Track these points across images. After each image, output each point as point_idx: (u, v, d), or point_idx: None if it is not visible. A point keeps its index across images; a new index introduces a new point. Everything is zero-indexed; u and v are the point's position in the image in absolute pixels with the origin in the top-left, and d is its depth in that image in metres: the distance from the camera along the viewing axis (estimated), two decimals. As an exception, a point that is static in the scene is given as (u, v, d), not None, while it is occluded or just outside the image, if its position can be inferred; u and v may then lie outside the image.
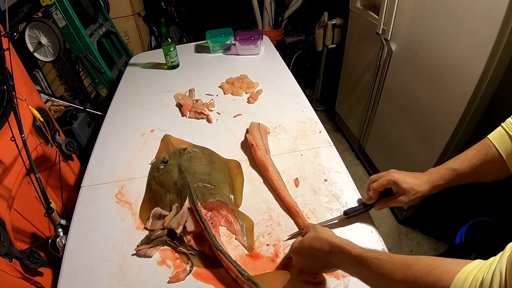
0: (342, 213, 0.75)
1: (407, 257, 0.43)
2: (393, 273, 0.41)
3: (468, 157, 0.65)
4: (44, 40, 1.50)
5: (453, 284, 0.34)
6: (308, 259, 0.61)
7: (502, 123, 0.63)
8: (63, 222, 0.85)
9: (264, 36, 1.60)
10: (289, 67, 1.43)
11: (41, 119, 0.99)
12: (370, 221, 0.75)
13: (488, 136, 0.64)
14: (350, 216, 0.74)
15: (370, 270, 0.46)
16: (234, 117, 1.14)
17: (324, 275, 0.65)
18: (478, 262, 0.35)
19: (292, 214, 0.78)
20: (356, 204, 0.78)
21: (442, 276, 0.36)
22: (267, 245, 0.72)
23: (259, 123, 1.02)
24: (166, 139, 1.03)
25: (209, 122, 1.12)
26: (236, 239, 0.74)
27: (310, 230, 0.62)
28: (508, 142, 0.60)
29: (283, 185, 0.83)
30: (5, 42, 0.74)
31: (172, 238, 0.75)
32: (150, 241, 0.73)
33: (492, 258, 0.34)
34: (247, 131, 1.01)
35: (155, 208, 0.79)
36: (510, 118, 0.62)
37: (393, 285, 0.42)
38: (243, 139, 1.03)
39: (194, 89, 1.29)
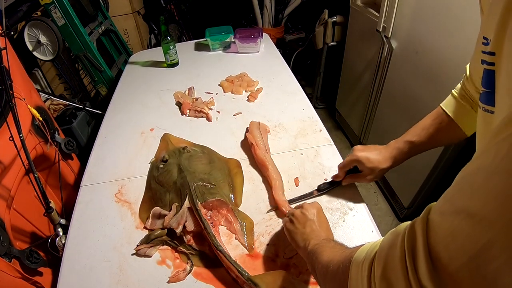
0: (316, 188, 0.82)
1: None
2: (332, 260, 0.44)
3: (425, 128, 0.68)
4: (43, 39, 1.49)
5: (361, 249, 0.36)
6: (294, 228, 0.62)
7: (452, 90, 0.66)
8: (62, 221, 0.85)
9: (264, 34, 1.60)
10: (289, 65, 1.43)
11: (40, 118, 0.99)
12: (370, 219, 0.75)
13: (440, 104, 0.68)
14: (322, 193, 0.81)
15: (318, 256, 0.49)
16: (234, 115, 1.13)
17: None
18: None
19: (280, 212, 0.79)
20: (325, 181, 0.84)
21: (354, 250, 0.38)
22: (267, 245, 0.72)
23: (259, 122, 1.02)
24: (165, 138, 1.03)
25: (208, 121, 1.12)
26: (236, 238, 0.74)
27: (314, 211, 0.62)
28: (458, 107, 0.64)
29: (279, 184, 0.82)
30: (3, 41, 0.74)
31: (172, 238, 0.74)
32: (149, 240, 0.73)
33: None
34: (247, 130, 1.00)
35: (155, 208, 0.79)
36: (458, 84, 0.65)
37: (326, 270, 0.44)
38: (243, 137, 1.02)
39: (193, 88, 1.29)
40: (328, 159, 0.92)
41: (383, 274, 0.29)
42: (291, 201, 0.80)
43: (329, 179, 0.85)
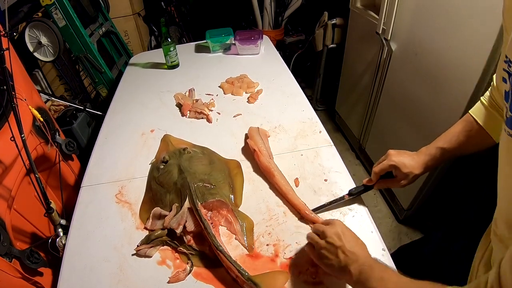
0: (347, 192, 0.79)
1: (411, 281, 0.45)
2: None
3: (455, 134, 0.68)
4: (44, 40, 1.50)
5: None
6: (328, 261, 0.58)
7: (481, 97, 0.66)
8: (63, 222, 0.85)
9: (264, 36, 1.60)
10: (289, 67, 1.43)
11: (41, 119, 0.99)
12: (370, 221, 0.75)
13: (469, 111, 0.68)
14: (354, 196, 0.79)
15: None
16: (234, 117, 1.14)
17: (324, 275, 0.65)
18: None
19: (303, 216, 0.77)
20: (356, 185, 0.83)
21: None
22: (267, 245, 0.72)
23: (258, 128, 1.01)
24: (166, 139, 1.03)
25: (209, 122, 1.12)
26: (236, 239, 0.74)
27: (339, 232, 0.58)
28: (488, 115, 0.64)
29: (290, 189, 0.81)
30: (5, 42, 0.74)
31: (172, 238, 0.75)
32: (150, 241, 0.73)
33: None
34: (247, 136, 1.00)
35: (155, 208, 0.79)
36: (487, 91, 0.65)
37: None
38: (243, 138, 1.03)
39: (194, 89, 1.29)
40: (328, 160, 0.92)
41: None
42: (320, 208, 0.78)
43: (329, 179, 0.85)
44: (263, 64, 1.48)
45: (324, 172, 0.88)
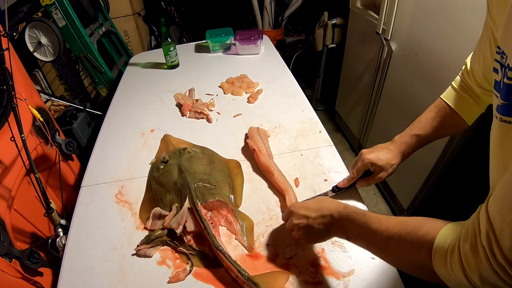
0: (331, 189, 0.82)
1: (401, 217, 0.48)
2: (390, 229, 0.47)
3: (429, 121, 0.70)
4: (44, 40, 1.50)
5: (438, 236, 0.39)
6: (311, 236, 0.62)
7: (452, 82, 0.69)
8: (63, 222, 0.85)
9: (264, 35, 1.60)
10: (289, 67, 1.43)
11: (41, 119, 0.99)
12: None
13: (441, 96, 0.70)
14: (337, 193, 0.80)
15: (370, 229, 0.50)
16: (234, 116, 1.14)
17: (324, 275, 0.65)
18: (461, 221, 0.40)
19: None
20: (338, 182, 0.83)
21: (430, 230, 0.41)
22: (267, 245, 0.72)
23: (258, 127, 1.01)
24: (166, 139, 1.03)
25: (209, 122, 1.12)
26: (236, 239, 0.74)
27: (310, 201, 0.64)
28: (460, 99, 0.66)
29: (289, 187, 0.81)
30: (5, 42, 0.74)
31: (172, 238, 0.75)
32: (150, 241, 0.73)
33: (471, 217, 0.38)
34: (246, 136, 1.00)
35: (155, 208, 0.79)
36: (457, 76, 0.67)
37: (388, 240, 0.46)
38: (243, 138, 1.03)
39: (194, 89, 1.29)
40: (328, 160, 0.92)
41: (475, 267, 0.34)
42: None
43: (329, 179, 0.85)
44: (263, 64, 1.48)
45: (324, 172, 0.88)
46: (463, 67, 0.65)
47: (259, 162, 0.90)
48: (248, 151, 0.97)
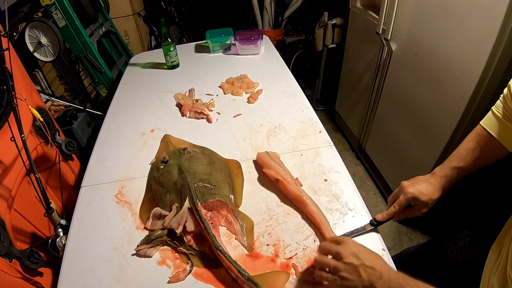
0: (368, 223, 0.74)
1: None
2: None
3: (470, 152, 0.66)
4: (44, 40, 1.50)
5: None
6: (349, 283, 0.53)
7: (492, 107, 0.65)
8: (63, 222, 0.85)
9: (264, 36, 1.60)
10: (289, 67, 1.43)
11: (41, 119, 0.99)
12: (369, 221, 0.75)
13: (480, 122, 0.66)
14: (376, 226, 0.74)
15: None
16: (234, 117, 1.14)
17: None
18: None
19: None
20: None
21: None
22: (267, 245, 0.72)
23: (267, 152, 0.91)
24: (166, 139, 1.03)
25: (209, 122, 1.12)
26: (236, 239, 0.74)
27: (365, 248, 0.56)
28: (503, 127, 0.62)
29: (324, 219, 0.74)
30: (5, 42, 0.74)
31: (172, 238, 0.75)
32: (150, 241, 0.73)
33: None
34: (256, 163, 0.93)
35: (155, 208, 0.79)
36: (498, 100, 0.64)
37: None
38: (243, 138, 1.03)
39: (194, 89, 1.29)
40: (328, 160, 0.92)
41: None
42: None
43: (329, 179, 0.85)
44: (263, 64, 1.48)
45: (324, 172, 0.89)
46: (505, 90, 0.60)
47: (287, 192, 0.82)
48: (248, 151, 0.96)
